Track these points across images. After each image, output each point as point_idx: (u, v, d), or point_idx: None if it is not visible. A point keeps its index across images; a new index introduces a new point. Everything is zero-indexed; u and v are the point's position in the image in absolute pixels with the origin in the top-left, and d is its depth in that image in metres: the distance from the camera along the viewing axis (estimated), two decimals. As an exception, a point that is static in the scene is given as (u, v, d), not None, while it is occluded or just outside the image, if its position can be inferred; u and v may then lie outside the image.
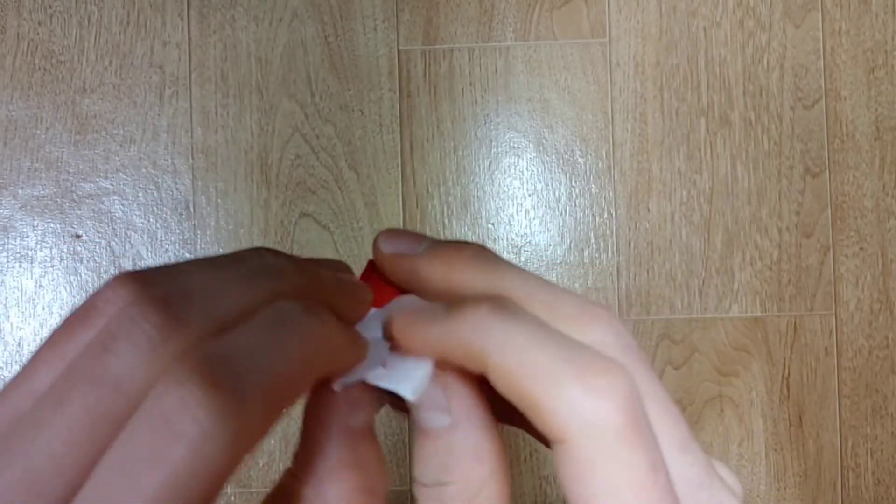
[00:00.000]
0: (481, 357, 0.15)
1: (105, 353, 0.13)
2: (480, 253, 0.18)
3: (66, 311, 0.74)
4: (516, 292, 0.17)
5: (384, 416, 0.72)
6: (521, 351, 0.15)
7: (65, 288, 0.74)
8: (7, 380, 0.15)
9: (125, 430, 0.13)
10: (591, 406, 0.14)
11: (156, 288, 0.15)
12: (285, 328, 0.15)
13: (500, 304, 0.16)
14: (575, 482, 0.15)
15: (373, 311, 0.19)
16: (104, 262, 0.74)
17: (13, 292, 0.74)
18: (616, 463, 0.14)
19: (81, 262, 0.74)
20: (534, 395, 0.15)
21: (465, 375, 0.17)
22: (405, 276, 0.20)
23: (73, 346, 0.15)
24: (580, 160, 0.74)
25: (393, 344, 0.18)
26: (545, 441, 0.17)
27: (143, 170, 0.75)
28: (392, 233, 0.20)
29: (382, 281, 0.20)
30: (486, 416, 0.17)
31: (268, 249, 0.18)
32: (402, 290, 0.20)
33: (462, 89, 0.75)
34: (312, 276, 0.17)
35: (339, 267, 0.20)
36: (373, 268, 0.20)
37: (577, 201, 0.74)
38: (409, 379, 0.17)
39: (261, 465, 0.74)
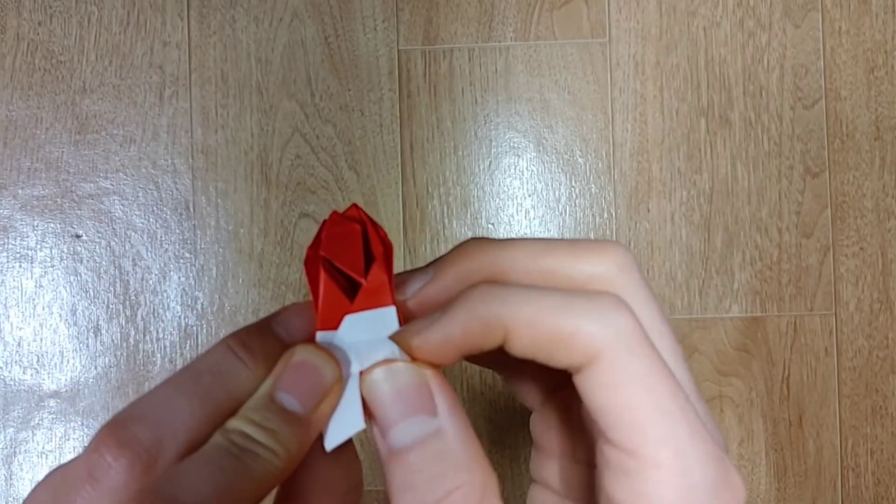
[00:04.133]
0: (501, 326, 0.16)
1: None
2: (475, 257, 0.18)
3: (65, 312, 0.74)
4: (518, 266, 0.18)
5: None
6: (532, 313, 0.16)
7: (65, 288, 0.74)
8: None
9: None
10: (603, 326, 0.16)
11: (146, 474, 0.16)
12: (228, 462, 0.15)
13: (490, 287, 0.17)
14: (606, 398, 0.16)
15: (326, 335, 0.18)
16: (104, 262, 0.74)
17: (13, 292, 0.74)
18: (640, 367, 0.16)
19: (81, 262, 0.74)
20: (550, 333, 0.16)
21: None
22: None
23: None
24: (580, 160, 0.74)
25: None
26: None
27: (143, 170, 0.75)
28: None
29: (337, 285, 0.18)
30: (463, 412, 0.17)
31: (236, 337, 0.18)
32: (352, 299, 0.18)
33: (462, 89, 0.75)
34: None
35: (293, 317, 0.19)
36: (326, 263, 0.18)
37: (577, 201, 0.74)
38: (340, 429, 0.17)
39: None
